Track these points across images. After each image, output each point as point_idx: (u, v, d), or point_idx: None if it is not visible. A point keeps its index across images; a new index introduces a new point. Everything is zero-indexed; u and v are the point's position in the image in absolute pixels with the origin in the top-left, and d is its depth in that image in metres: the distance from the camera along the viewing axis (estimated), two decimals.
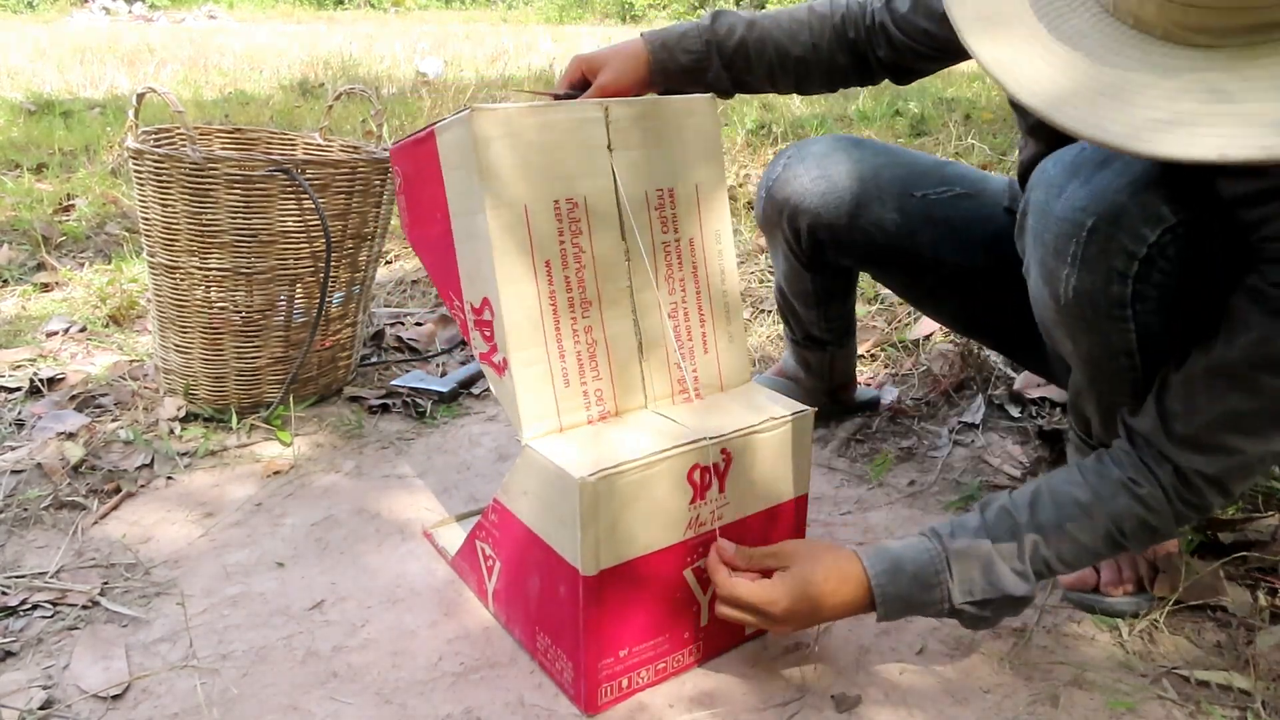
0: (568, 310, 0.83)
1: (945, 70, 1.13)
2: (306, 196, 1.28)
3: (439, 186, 0.86)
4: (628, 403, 0.87)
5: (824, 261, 1.20)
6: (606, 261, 0.85)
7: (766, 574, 0.81)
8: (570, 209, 0.83)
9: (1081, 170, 0.76)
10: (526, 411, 0.81)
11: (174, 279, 1.32)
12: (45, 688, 0.85)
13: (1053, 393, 1.41)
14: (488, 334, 0.84)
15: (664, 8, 14.51)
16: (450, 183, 0.85)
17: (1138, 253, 0.72)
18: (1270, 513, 1.09)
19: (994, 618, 0.80)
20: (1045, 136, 0.99)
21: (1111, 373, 0.81)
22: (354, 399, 1.47)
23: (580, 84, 1.04)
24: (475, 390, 1.52)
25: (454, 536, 1.07)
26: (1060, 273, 0.77)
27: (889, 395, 1.46)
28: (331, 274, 1.35)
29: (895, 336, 1.67)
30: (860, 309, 1.74)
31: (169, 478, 1.23)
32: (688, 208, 0.90)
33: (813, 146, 1.17)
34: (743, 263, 2.10)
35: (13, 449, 1.27)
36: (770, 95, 1.47)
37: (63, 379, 1.49)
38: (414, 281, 2.03)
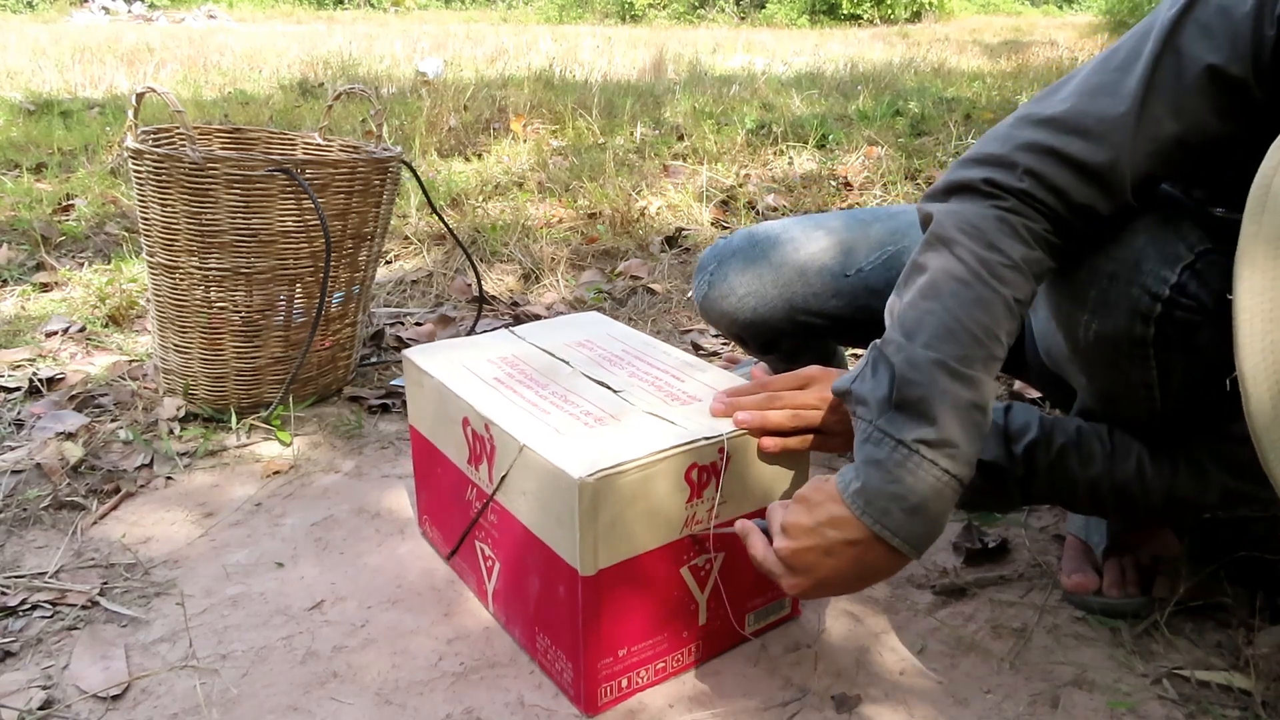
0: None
1: (945, 70, 1.11)
2: (306, 196, 1.28)
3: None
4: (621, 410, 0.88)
5: (780, 347, 1.18)
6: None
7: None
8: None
9: None
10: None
11: (173, 279, 1.32)
12: (45, 688, 0.85)
13: None
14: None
15: (664, 8, 14.51)
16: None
17: (1160, 294, 0.71)
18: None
19: None
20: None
21: (1129, 403, 0.80)
22: (354, 399, 1.47)
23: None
24: None
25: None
26: (1079, 318, 0.76)
27: None
28: (331, 274, 1.35)
29: None
30: None
31: (169, 478, 1.23)
32: None
33: (731, 261, 1.12)
34: None
35: (12, 449, 1.27)
36: (770, 94, 1.45)
37: (62, 379, 1.49)
38: (414, 281, 2.03)
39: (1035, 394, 1.42)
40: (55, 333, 1.68)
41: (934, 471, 0.68)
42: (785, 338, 1.14)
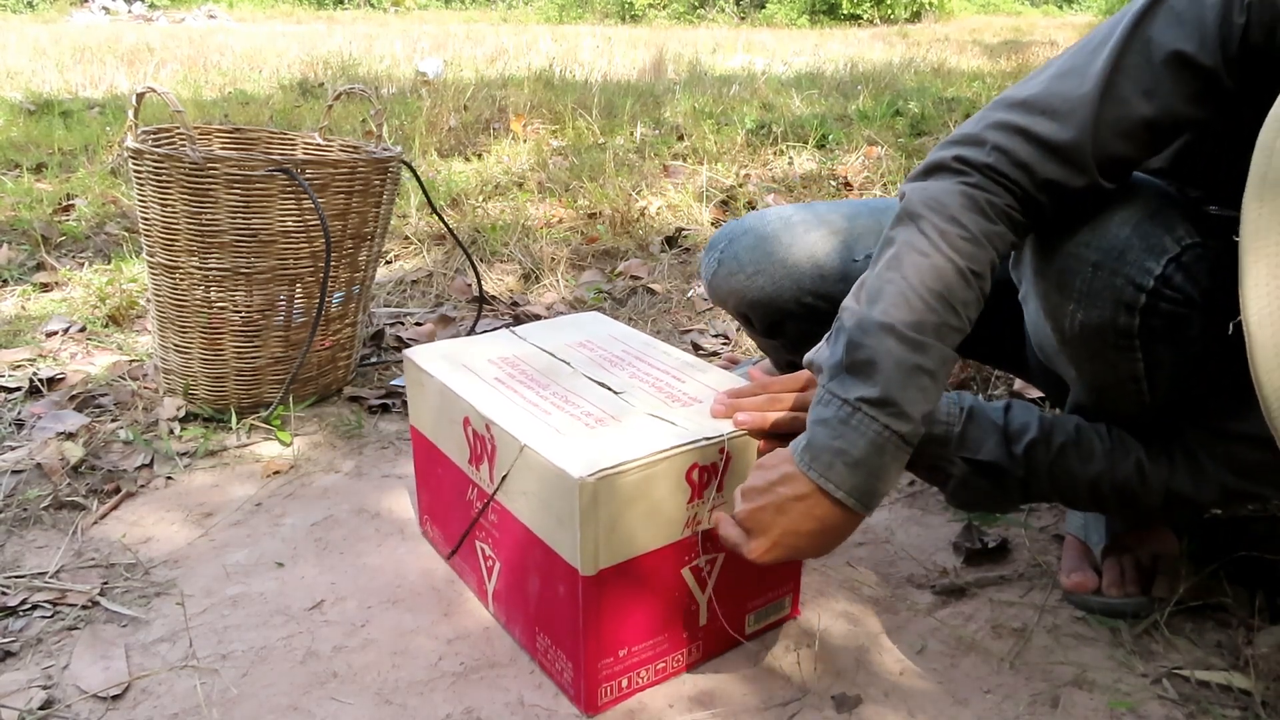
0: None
1: (945, 70, 1.10)
2: (306, 196, 1.28)
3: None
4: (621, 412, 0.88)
5: (785, 331, 1.17)
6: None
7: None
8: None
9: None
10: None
11: (173, 279, 1.32)
12: (45, 688, 0.85)
13: None
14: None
15: (664, 8, 14.51)
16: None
17: (1144, 285, 0.72)
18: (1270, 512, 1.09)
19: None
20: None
21: (1118, 395, 0.81)
22: (354, 399, 1.47)
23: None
24: None
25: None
26: (1065, 308, 0.76)
27: None
28: (331, 274, 1.35)
29: None
30: None
31: (169, 478, 1.23)
32: None
33: (743, 239, 1.13)
34: None
35: (13, 449, 1.27)
36: (770, 94, 1.44)
37: (62, 379, 1.49)
38: (414, 281, 2.03)
39: (1036, 393, 1.42)
40: (55, 333, 1.68)
41: (874, 427, 0.71)
42: (791, 320, 1.14)
